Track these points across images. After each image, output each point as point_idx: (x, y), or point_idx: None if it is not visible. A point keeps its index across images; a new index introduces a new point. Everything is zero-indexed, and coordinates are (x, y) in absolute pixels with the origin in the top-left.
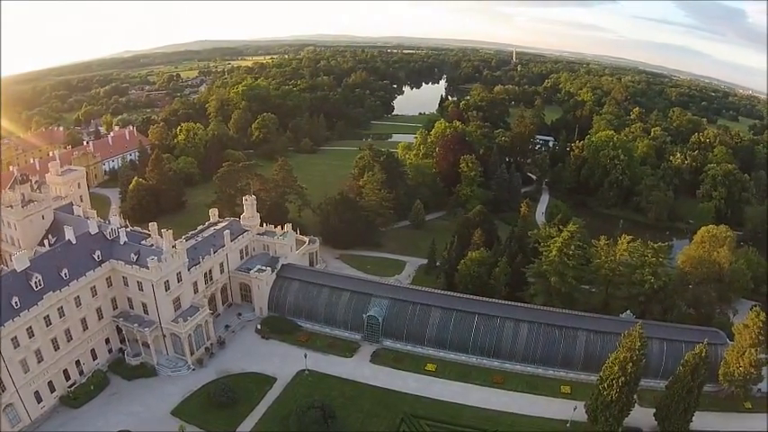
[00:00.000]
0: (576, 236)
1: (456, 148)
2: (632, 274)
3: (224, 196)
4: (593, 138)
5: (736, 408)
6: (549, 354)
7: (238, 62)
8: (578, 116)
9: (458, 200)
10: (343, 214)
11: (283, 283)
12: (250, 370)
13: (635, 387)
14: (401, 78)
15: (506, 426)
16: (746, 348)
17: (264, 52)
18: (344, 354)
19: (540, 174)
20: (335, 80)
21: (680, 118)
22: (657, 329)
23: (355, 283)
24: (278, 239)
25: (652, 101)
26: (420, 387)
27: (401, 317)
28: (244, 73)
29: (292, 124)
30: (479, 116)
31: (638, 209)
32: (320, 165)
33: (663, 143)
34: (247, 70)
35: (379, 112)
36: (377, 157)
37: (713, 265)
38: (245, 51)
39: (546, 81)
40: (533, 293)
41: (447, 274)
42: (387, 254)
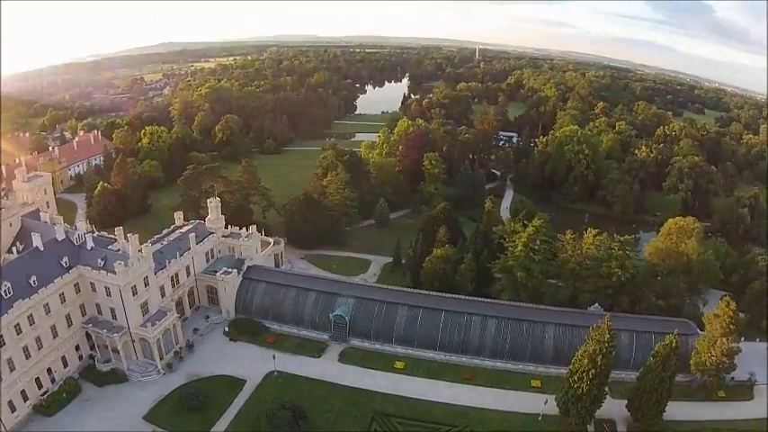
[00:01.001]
0: (542, 231)
1: (419, 146)
2: (599, 267)
3: (189, 199)
4: (557, 133)
5: (709, 397)
6: (518, 348)
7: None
8: (542, 112)
9: (422, 197)
10: (308, 214)
11: (250, 284)
12: (220, 373)
13: (605, 379)
14: (364, 77)
15: (477, 421)
16: (718, 338)
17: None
18: (313, 354)
19: (505, 170)
20: (298, 80)
21: (645, 112)
22: (626, 321)
23: (321, 283)
24: (243, 241)
25: (617, 95)
26: (389, 385)
27: (368, 315)
28: (207, 75)
29: (255, 125)
30: (442, 114)
31: (604, 202)
32: (284, 165)
33: (628, 137)
34: (211, 72)
35: (341, 112)
36: (340, 157)
37: (681, 257)
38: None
39: (509, 77)
40: (500, 289)
41: (413, 271)
42: (352, 253)
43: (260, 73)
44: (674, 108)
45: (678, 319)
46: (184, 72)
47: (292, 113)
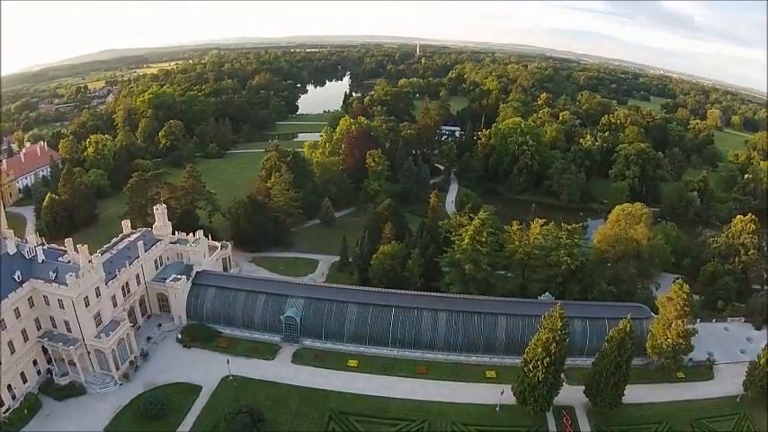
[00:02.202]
0: (488, 223)
1: (362, 144)
2: (548, 256)
3: (135, 207)
4: (501, 125)
5: (668, 378)
6: (471, 340)
7: (144, 70)
8: (484, 105)
9: (366, 195)
10: (253, 217)
11: (199, 290)
12: (175, 380)
13: (561, 366)
14: (305, 77)
15: (435, 415)
16: (673, 320)
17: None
18: (266, 356)
19: (448, 164)
20: (240, 83)
21: (589, 101)
22: (579, 309)
23: (270, 285)
24: (191, 247)
25: (560, 86)
26: (344, 383)
27: (318, 315)
28: (149, 81)
29: (198, 130)
30: (384, 111)
31: (550, 192)
32: (228, 169)
33: (572, 126)
34: (153, 78)
35: (284, 113)
36: (283, 158)
37: (631, 242)
38: (150, 59)
39: (450, 72)
40: (449, 282)
41: (360, 269)
42: (299, 253)
43: (202, 77)
44: (618, 96)
45: (631, 304)
46: (127, 79)
47: (235, 116)
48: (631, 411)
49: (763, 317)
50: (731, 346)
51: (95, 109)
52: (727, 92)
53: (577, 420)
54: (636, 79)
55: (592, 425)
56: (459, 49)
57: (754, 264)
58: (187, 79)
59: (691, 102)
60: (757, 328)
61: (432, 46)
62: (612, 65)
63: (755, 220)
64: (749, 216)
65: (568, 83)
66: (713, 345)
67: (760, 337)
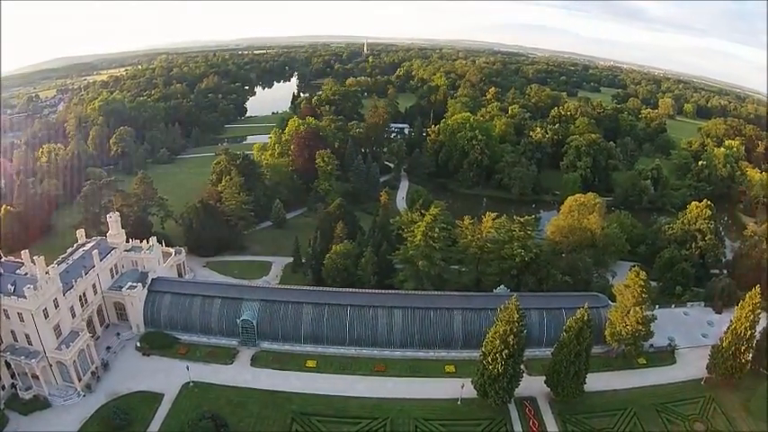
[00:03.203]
0: (440, 218)
1: (311, 144)
2: (501, 249)
3: (89, 216)
4: (449, 121)
5: (630, 365)
6: (428, 336)
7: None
8: (433, 101)
9: (317, 195)
10: (205, 221)
11: (155, 297)
12: (137, 389)
13: (520, 358)
14: (253, 79)
15: (396, 412)
16: (631, 307)
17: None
18: (225, 361)
19: (398, 161)
20: (188, 87)
21: (538, 94)
22: (535, 300)
23: (225, 289)
24: (145, 254)
25: (508, 80)
26: (304, 385)
27: (274, 317)
28: (99, 88)
29: (149, 135)
30: (332, 110)
31: (501, 186)
32: (179, 174)
33: (522, 120)
34: (103, 85)
35: (232, 116)
36: (233, 161)
37: (585, 232)
38: (99, 66)
39: (398, 70)
40: (403, 279)
41: (314, 269)
42: (252, 256)
43: (151, 82)
44: (568, 88)
45: (588, 293)
46: (77, 86)
47: (184, 121)
48: (594, 399)
49: (723, 301)
50: (692, 330)
51: (47, 118)
52: (679, 80)
53: (540, 411)
54: (586, 71)
55: (555, 414)
56: (407, 47)
57: (712, 249)
58: (136, 85)
59: (642, 91)
60: (718, 312)
61: (379, 44)
62: (562, 57)
63: (711, 205)
64: (704, 202)
65: (517, 77)
66: (674, 330)
67: (721, 321)
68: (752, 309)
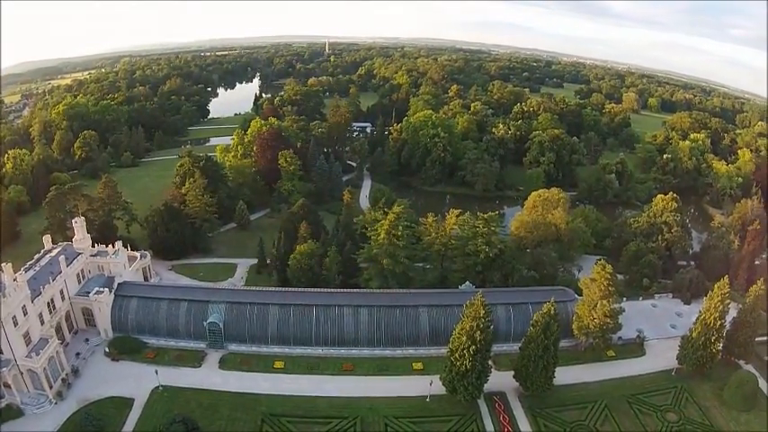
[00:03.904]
0: (403, 216)
1: (273, 145)
2: (465, 245)
3: (55, 221)
4: (412, 119)
5: (599, 358)
6: (394, 334)
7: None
8: (395, 100)
9: (280, 196)
10: (170, 224)
11: (122, 302)
12: (108, 395)
13: (488, 354)
14: (215, 81)
15: (366, 410)
16: (598, 301)
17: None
18: (193, 364)
19: (360, 160)
20: (151, 89)
21: (501, 90)
22: (501, 295)
23: (191, 292)
24: (111, 258)
25: (471, 77)
26: (272, 386)
27: (241, 319)
28: (64, 92)
29: (113, 139)
30: (294, 110)
31: (465, 182)
32: (143, 177)
33: (484, 116)
34: (67, 89)
35: (195, 118)
36: (196, 163)
37: (549, 227)
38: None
39: (360, 69)
40: (368, 278)
41: (278, 270)
42: (217, 258)
43: (114, 85)
44: (531, 84)
45: (554, 288)
46: (42, 91)
47: (147, 123)
48: (564, 393)
49: (692, 292)
50: (661, 322)
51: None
52: (643, 75)
53: (510, 405)
54: (549, 67)
55: (525, 409)
56: (369, 46)
57: (679, 241)
58: (100, 89)
59: (606, 86)
60: (686, 303)
61: (341, 43)
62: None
63: (677, 198)
64: (670, 195)
65: (479, 74)
66: (642, 322)
67: (690, 312)
68: (721, 299)
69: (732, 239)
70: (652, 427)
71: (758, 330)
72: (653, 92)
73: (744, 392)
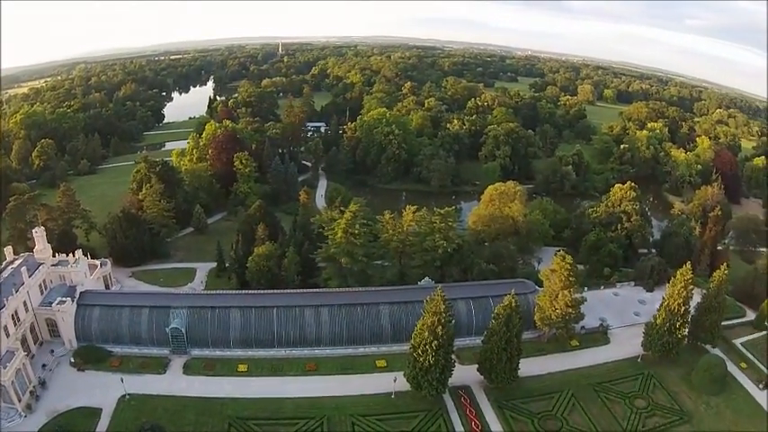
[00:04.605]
0: (359, 215)
1: (228, 148)
2: (423, 242)
3: (15, 232)
4: (365, 117)
5: (563, 348)
6: (356, 332)
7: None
8: (348, 98)
9: (237, 198)
10: (128, 231)
11: (85, 311)
12: (76, 405)
13: (450, 348)
14: (170, 85)
15: (332, 410)
16: (559, 291)
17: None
18: (158, 371)
19: (315, 160)
20: (107, 96)
21: (454, 86)
22: (461, 290)
23: (152, 298)
24: (72, 268)
25: (424, 74)
26: (237, 389)
27: (202, 324)
28: (20, 101)
29: (69, 147)
30: (249, 112)
31: (420, 179)
32: (101, 184)
33: (438, 112)
34: (24, 97)
35: (151, 123)
36: (153, 169)
37: (507, 220)
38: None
39: (313, 68)
40: (327, 278)
41: (238, 273)
42: (177, 263)
43: (70, 93)
44: (485, 79)
45: (514, 280)
46: None
47: (104, 130)
48: (530, 384)
49: (654, 279)
50: (624, 310)
51: None
52: (598, 67)
53: (476, 398)
54: (503, 62)
55: (491, 401)
56: (323, 45)
57: (639, 229)
58: (56, 96)
59: (560, 79)
60: (649, 290)
61: (294, 44)
62: (478, 49)
63: (635, 187)
64: (628, 184)
65: (433, 70)
66: (605, 311)
67: (653, 299)
68: (684, 285)
69: (693, 226)
70: (621, 415)
71: (724, 314)
72: (609, 83)
73: (712, 376)
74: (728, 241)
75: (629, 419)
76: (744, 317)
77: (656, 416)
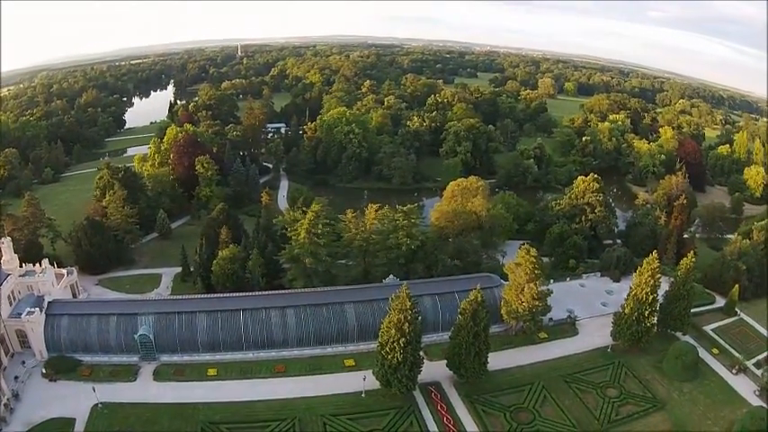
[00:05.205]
0: (322, 214)
1: (190, 151)
2: (386, 240)
3: None
4: (325, 117)
5: (531, 341)
6: (323, 332)
7: None
8: (308, 99)
9: (199, 202)
10: (93, 239)
11: (54, 321)
12: (50, 416)
13: (418, 345)
14: (130, 90)
15: (303, 410)
16: (524, 284)
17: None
18: (128, 378)
19: (276, 161)
20: (69, 103)
21: (414, 83)
22: (426, 286)
23: (120, 306)
24: (39, 278)
25: (383, 72)
26: (208, 394)
27: (170, 330)
28: None
29: (33, 155)
30: (209, 115)
31: (382, 177)
32: (64, 193)
33: (398, 110)
34: None
35: (112, 129)
36: (115, 175)
37: (470, 215)
38: None
39: (273, 69)
40: (291, 278)
41: (203, 277)
42: (142, 270)
43: (33, 100)
44: (444, 76)
45: (479, 275)
46: None
47: (66, 137)
48: (500, 377)
49: (621, 269)
50: (591, 300)
51: None
52: (559, 60)
53: (446, 394)
54: (462, 58)
55: (462, 396)
56: (281, 46)
57: (603, 220)
58: (19, 105)
59: (521, 74)
60: (616, 281)
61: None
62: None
63: (598, 178)
64: (591, 176)
65: (392, 68)
66: (572, 302)
67: (620, 289)
68: (651, 274)
69: (658, 215)
70: (593, 405)
71: (693, 302)
72: (569, 76)
73: (684, 363)
74: (695, 229)
75: (602, 409)
76: (713, 303)
77: (629, 404)
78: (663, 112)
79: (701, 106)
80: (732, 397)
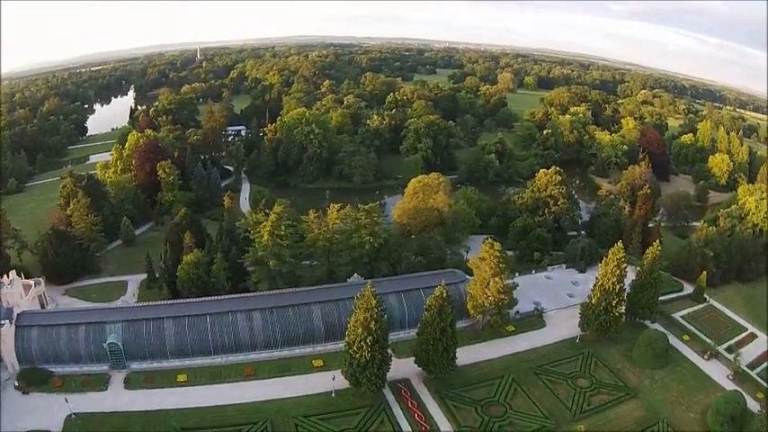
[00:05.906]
0: (284, 216)
1: (151, 157)
2: (349, 239)
3: None
4: (285, 118)
5: (499, 334)
6: (290, 334)
7: None
8: (267, 100)
9: (162, 208)
10: (59, 248)
11: (23, 332)
12: (26, 430)
13: (386, 342)
14: (91, 97)
15: (274, 413)
16: (489, 278)
17: None
18: (99, 388)
19: (237, 164)
20: (31, 112)
21: (373, 82)
22: (391, 284)
23: (88, 315)
24: (7, 289)
25: (342, 71)
26: (179, 400)
27: (138, 337)
28: None
29: None
30: (170, 120)
31: (343, 176)
32: (29, 203)
33: (358, 109)
34: None
35: (74, 136)
36: (78, 183)
37: (432, 212)
38: None
39: (232, 72)
40: (256, 281)
41: (168, 283)
42: (108, 278)
43: None
44: (403, 74)
45: (444, 271)
46: None
47: (29, 147)
48: (469, 372)
49: (586, 260)
50: (557, 292)
51: None
52: (518, 55)
53: (416, 390)
54: (421, 55)
55: (432, 392)
56: (240, 48)
57: (566, 212)
58: None
59: (480, 69)
60: (581, 272)
61: (212, 48)
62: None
63: (560, 171)
64: (553, 168)
65: (351, 67)
66: (538, 294)
67: (586, 280)
68: (617, 263)
69: (622, 206)
70: (565, 395)
71: (660, 290)
72: (529, 70)
73: (654, 351)
74: (660, 218)
75: (574, 399)
76: (682, 291)
77: (600, 394)
78: (624, 103)
79: (663, 96)
80: (705, 382)
